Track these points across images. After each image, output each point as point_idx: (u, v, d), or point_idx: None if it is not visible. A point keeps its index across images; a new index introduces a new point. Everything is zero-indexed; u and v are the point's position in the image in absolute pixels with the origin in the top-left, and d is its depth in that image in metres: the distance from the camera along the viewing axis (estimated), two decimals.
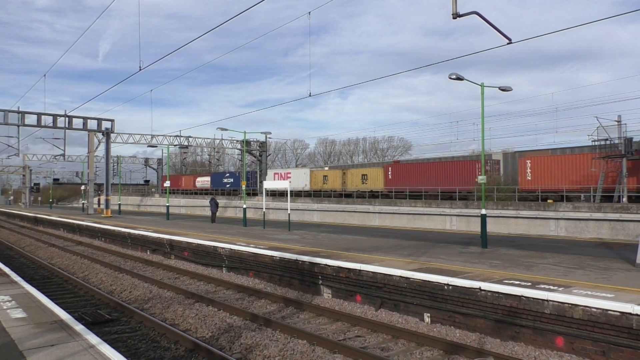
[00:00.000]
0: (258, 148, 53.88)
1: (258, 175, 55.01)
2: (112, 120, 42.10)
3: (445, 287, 9.62)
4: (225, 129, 31.40)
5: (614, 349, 7.39)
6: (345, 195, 45.50)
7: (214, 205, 34.09)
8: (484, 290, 9.00)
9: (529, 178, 31.67)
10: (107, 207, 40.72)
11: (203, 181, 66.24)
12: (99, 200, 53.92)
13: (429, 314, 9.90)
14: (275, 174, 53.96)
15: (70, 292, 13.48)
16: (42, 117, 38.46)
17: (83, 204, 57.31)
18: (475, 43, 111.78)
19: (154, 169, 75.20)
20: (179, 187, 71.59)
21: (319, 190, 48.66)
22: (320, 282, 12.44)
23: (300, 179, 49.63)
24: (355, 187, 44.85)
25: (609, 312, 7.44)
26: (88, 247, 23.87)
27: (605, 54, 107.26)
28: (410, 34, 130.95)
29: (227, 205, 53.04)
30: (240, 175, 54.52)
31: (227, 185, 60.23)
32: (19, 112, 37.60)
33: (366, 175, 44.49)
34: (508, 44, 12.25)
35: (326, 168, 60.97)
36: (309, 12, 16.66)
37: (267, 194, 45.13)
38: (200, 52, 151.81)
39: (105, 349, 5.67)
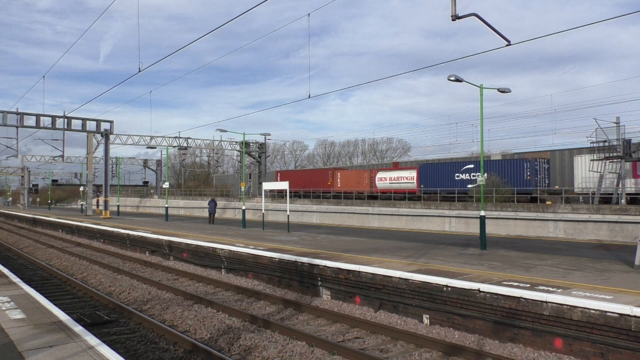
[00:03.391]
0: (257, 149, 53.88)
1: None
2: (111, 122, 42.11)
3: (444, 288, 9.62)
4: (225, 131, 31.33)
5: (613, 351, 7.40)
6: None
7: (213, 206, 34.13)
8: (483, 292, 9.01)
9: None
10: (105, 208, 40.69)
11: (397, 178, 39.79)
12: (97, 201, 53.92)
13: (428, 316, 9.91)
14: None
15: (69, 293, 13.47)
16: (41, 118, 38.47)
17: (82, 205, 57.22)
18: (476, 45, 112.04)
19: (152, 170, 75.13)
20: (325, 188, 45.69)
21: None
22: (320, 283, 12.44)
23: None
24: None
25: (608, 313, 7.45)
26: (87, 249, 23.85)
27: (606, 56, 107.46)
28: (411, 36, 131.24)
29: (226, 206, 53.05)
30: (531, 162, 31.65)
31: (469, 185, 34.56)
32: (17, 114, 37.60)
33: None
34: (507, 45, 12.27)
35: None
36: (309, 14, 16.69)
37: (265, 195, 44.44)
38: (201, 53, 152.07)
39: (104, 350, 5.66)
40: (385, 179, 40.71)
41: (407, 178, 38.87)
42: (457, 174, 35.85)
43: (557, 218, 27.20)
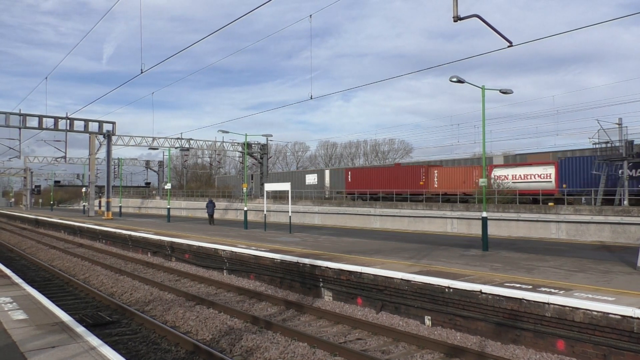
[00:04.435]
0: (259, 150, 53.91)
1: None
2: (113, 123, 42.17)
3: (446, 289, 9.62)
4: (227, 132, 31.36)
5: (615, 352, 7.38)
6: None
7: (211, 208, 34.15)
8: (485, 293, 9.00)
9: None
10: (108, 209, 40.76)
11: (525, 176, 32.79)
12: (99, 202, 53.96)
13: (429, 317, 9.90)
14: None
15: (71, 294, 13.50)
16: (44, 119, 38.54)
17: (84, 206, 57.33)
18: (478, 46, 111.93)
19: (154, 171, 75.22)
20: (417, 189, 38.02)
21: None
22: (321, 284, 12.44)
23: None
24: None
25: (610, 315, 7.44)
26: (89, 249, 23.89)
27: (609, 57, 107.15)
28: (413, 37, 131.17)
29: (227, 207, 53.08)
30: None
31: None
32: (20, 115, 37.67)
33: None
34: (509, 46, 12.27)
35: None
36: (310, 15, 16.71)
37: (267, 196, 44.17)
38: (204, 54, 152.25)
39: (106, 350, 5.67)
40: (505, 177, 33.64)
41: (541, 176, 31.33)
42: (621, 171, 27.63)
43: (560, 219, 27.13)
